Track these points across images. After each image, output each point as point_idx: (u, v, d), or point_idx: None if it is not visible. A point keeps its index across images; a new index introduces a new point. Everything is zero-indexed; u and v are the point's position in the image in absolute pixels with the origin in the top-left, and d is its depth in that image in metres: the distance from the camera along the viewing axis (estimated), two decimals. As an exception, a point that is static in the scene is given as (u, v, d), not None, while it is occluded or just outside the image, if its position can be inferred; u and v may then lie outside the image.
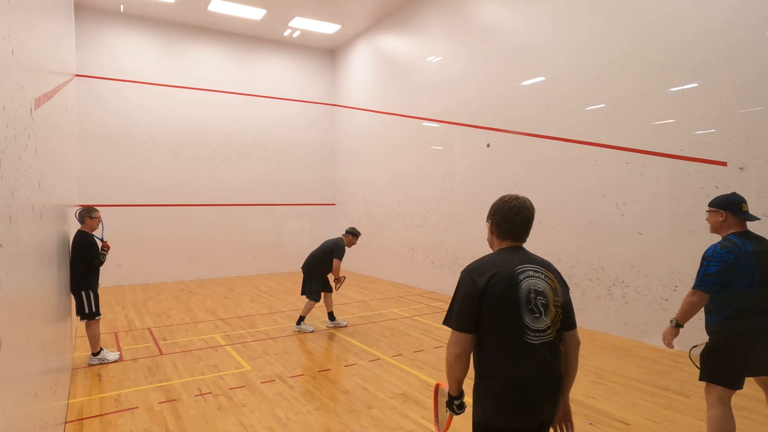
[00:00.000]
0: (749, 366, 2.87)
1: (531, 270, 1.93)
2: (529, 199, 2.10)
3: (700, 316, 3.07)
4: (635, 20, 6.05)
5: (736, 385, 2.86)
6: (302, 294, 6.75)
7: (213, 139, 12.05)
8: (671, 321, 3.05)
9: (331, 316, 6.96)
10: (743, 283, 2.81)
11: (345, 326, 6.94)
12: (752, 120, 4.99)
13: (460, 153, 9.12)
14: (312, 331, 6.67)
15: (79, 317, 5.17)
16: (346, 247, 6.82)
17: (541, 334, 1.87)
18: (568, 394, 2.05)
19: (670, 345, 3.08)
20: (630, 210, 6.14)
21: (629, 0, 6.12)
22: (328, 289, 6.92)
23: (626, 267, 6.18)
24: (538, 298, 1.89)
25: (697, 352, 3.08)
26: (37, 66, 2.67)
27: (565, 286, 2.02)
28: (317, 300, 6.65)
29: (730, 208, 2.97)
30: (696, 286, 2.90)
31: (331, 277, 7.06)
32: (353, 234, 6.83)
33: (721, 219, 3.01)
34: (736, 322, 2.84)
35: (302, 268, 6.83)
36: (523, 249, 2.05)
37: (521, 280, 1.89)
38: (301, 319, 6.71)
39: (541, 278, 1.93)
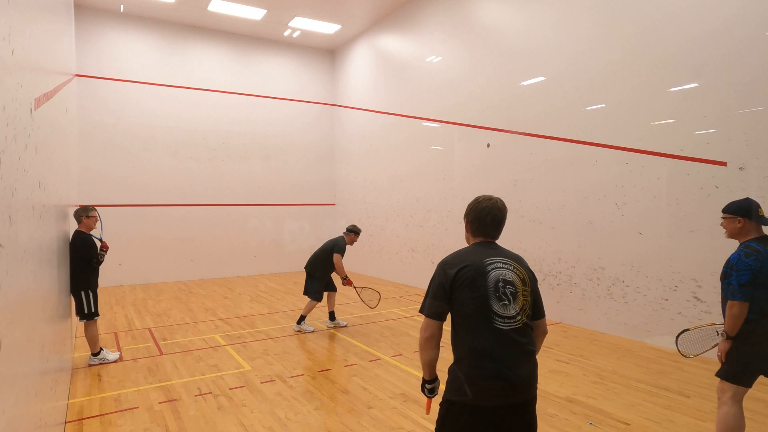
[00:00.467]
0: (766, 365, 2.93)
1: (500, 262, 2.10)
2: (502, 200, 2.28)
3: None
4: (635, 20, 6.05)
5: (747, 382, 2.91)
6: (305, 294, 6.76)
7: (213, 139, 12.05)
8: (721, 334, 3.01)
9: (332, 316, 6.98)
10: (765, 286, 2.86)
11: (345, 326, 6.96)
12: (752, 120, 4.99)
13: (460, 153, 9.12)
14: (312, 331, 6.67)
15: (78, 317, 5.17)
16: (348, 245, 6.84)
17: (510, 321, 2.01)
18: None
19: (722, 358, 3.02)
20: (630, 210, 6.14)
21: (629, 0, 6.12)
22: (332, 288, 6.94)
23: (626, 267, 6.18)
24: (507, 287, 2.04)
25: (688, 337, 3.18)
26: (37, 66, 2.67)
27: (533, 278, 2.16)
28: (319, 299, 6.66)
29: (746, 213, 2.99)
30: (736, 298, 2.88)
31: (336, 277, 7.11)
32: (354, 232, 6.84)
33: (739, 225, 3.01)
34: (757, 325, 2.88)
35: (305, 268, 6.87)
36: (495, 244, 2.23)
37: (489, 271, 2.06)
38: (302, 318, 6.73)
39: (509, 269, 2.09)
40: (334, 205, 13.79)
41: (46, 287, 2.94)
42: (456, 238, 9.17)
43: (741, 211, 3.00)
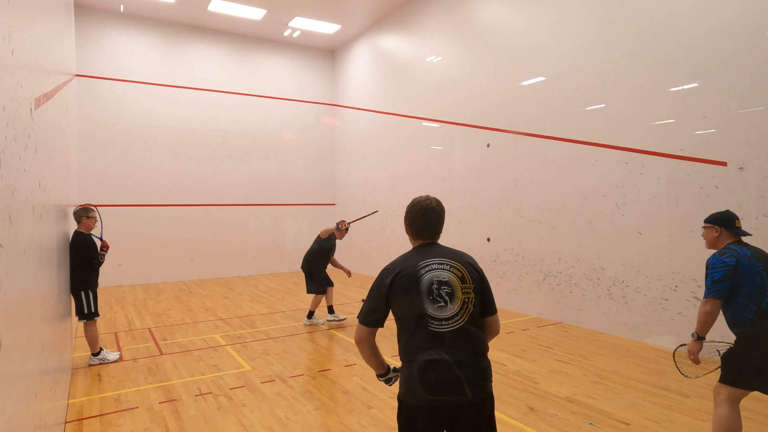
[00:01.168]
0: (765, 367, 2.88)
1: (435, 263, 2.06)
2: (438, 199, 2.24)
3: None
4: (635, 20, 6.05)
5: (743, 385, 2.89)
6: (308, 292, 7.00)
7: (213, 139, 12.05)
8: (692, 335, 3.05)
9: (331, 310, 7.22)
10: (752, 284, 2.86)
11: (344, 320, 7.19)
12: (752, 120, 4.99)
13: (460, 153, 9.12)
14: (323, 324, 6.95)
15: (78, 317, 5.16)
16: (338, 240, 7.25)
17: (447, 322, 1.98)
18: None
19: (696, 360, 3.07)
20: (630, 210, 6.14)
21: (630, 0, 6.12)
22: (329, 284, 7.18)
23: (626, 267, 6.18)
24: (442, 287, 2.01)
25: (683, 350, 3.15)
26: (37, 66, 2.67)
27: (477, 275, 2.10)
28: (324, 292, 6.98)
29: (724, 224, 3.10)
30: (707, 294, 2.94)
31: (339, 271, 7.65)
32: (337, 228, 7.16)
33: (716, 234, 3.13)
34: (756, 327, 2.85)
35: (302, 268, 7.12)
36: (434, 245, 2.19)
37: (422, 274, 2.03)
38: (311, 313, 7.04)
39: (445, 269, 2.05)
40: (334, 205, 13.79)
41: (46, 287, 2.94)
42: (456, 238, 9.17)
43: (719, 221, 3.11)
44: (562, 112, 7.03)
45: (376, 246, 11.78)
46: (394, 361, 4.96)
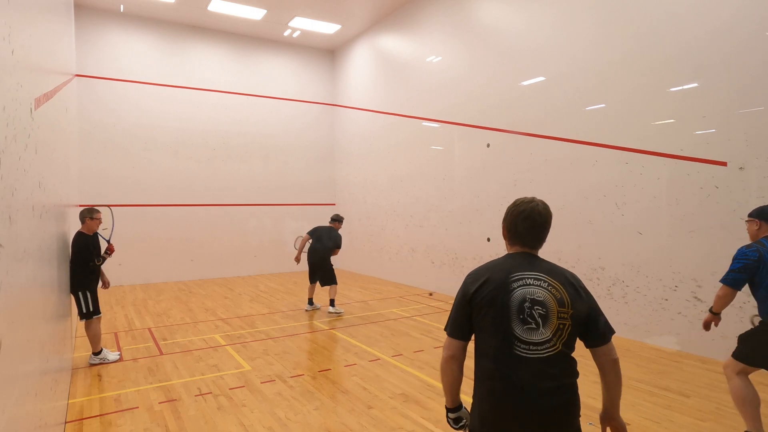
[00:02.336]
0: None
1: (531, 278, 1.80)
2: (545, 202, 1.96)
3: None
4: (635, 20, 6.05)
5: (752, 363, 3.22)
6: (324, 284, 7.72)
7: (213, 139, 12.05)
8: (709, 309, 3.40)
9: (332, 303, 7.77)
10: None
11: (341, 313, 7.75)
12: (752, 120, 4.99)
13: (461, 153, 9.12)
14: (342, 312, 7.75)
15: (78, 317, 5.16)
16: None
17: (537, 347, 1.73)
18: (614, 409, 1.89)
19: (706, 328, 3.42)
20: (630, 210, 6.14)
21: (629, 0, 6.12)
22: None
23: (626, 267, 6.18)
24: (536, 307, 1.75)
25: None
26: (37, 66, 2.67)
27: (581, 298, 1.82)
28: (336, 282, 7.80)
29: (764, 217, 3.30)
30: (721, 280, 3.24)
31: (337, 272, 8.40)
32: (338, 221, 7.99)
33: (756, 228, 3.32)
34: None
35: (315, 263, 7.72)
36: (533, 256, 1.91)
37: (514, 288, 1.78)
38: (332, 302, 7.69)
39: (542, 287, 1.78)
40: (334, 205, 13.78)
41: (46, 287, 2.94)
42: (456, 238, 9.17)
43: (761, 215, 3.31)
44: (562, 112, 7.03)
45: (376, 246, 11.78)
46: (395, 361, 4.86)
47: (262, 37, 12.59)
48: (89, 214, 5.17)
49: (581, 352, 2.01)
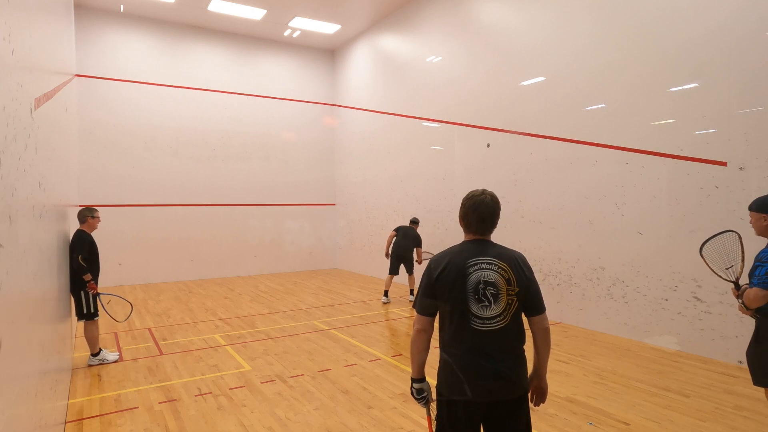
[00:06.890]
0: None
1: (484, 263, 2.08)
2: (494, 193, 2.21)
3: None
4: (635, 20, 6.05)
5: None
6: (402, 272, 8.81)
7: (213, 139, 12.05)
8: (739, 299, 3.03)
9: (412, 292, 8.67)
10: None
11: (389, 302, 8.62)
12: (752, 120, 4.98)
13: (460, 153, 9.12)
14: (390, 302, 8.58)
15: (77, 317, 5.16)
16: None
17: (490, 321, 2.04)
18: (542, 371, 2.21)
19: (737, 297, 3.03)
20: (630, 210, 6.14)
21: (629, 0, 6.12)
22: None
23: (626, 267, 6.18)
24: (488, 288, 2.05)
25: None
26: (37, 66, 2.67)
27: (524, 277, 2.10)
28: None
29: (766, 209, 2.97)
30: (759, 285, 2.84)
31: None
32: (416, 223, 8.91)
33: (764, 223, 2.98)
34: None
35: (400, 255, 8.54)
36: (485, 241, 2.17)
37: (470, 273, 2.06)
38: (412, 291, 8.70)
39: (493, 270, 2.07)
40: (334, 205, 13.78)
41: (46, 287, 2.94)
42: (456, 238, 9.15)
43: (765, 208, 2.97)
44: (562, 112, 7.03)
45: (377, 246, 11.77)
46: (395, 361, 4.87)
47: (262, 37, 12.59)
48: (89, 213, 5.26)
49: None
